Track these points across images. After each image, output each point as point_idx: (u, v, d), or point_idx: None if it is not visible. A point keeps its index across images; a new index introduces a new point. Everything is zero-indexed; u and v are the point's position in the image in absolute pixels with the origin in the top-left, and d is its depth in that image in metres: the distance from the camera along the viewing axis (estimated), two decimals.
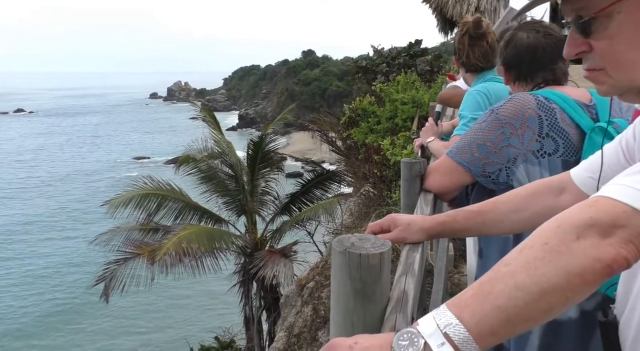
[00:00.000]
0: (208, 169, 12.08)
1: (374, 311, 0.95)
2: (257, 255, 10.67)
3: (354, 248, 0.95)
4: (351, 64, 13.47)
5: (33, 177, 43.05)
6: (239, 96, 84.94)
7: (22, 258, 25.75)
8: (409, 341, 0.69)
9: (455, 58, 2.47)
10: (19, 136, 65.13)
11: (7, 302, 21.11)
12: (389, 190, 5.26)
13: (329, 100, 58.22)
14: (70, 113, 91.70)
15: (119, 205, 10.98)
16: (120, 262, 10.48)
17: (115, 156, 52.56)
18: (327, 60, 73.58)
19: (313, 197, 12.39)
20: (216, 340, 10.19)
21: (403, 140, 5.24)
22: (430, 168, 1.72)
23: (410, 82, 8.61)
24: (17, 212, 33.21)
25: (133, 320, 19.48)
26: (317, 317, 3.45)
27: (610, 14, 0.79)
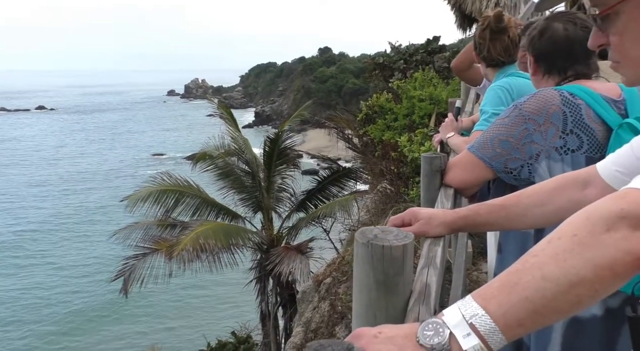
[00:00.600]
0: (225, 166, 12.17)
1: (396, 303, 0.95)
2: (273, 252, 10.73)
3: (377, 239, 0.95)
4: (368, 60, 13.43)
5: (54, 173, 43.83)
6: (255, 93, 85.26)
7: (46, 252, 26.27)
8: (434, 332, 0.70)
9: (475, 52, 2.44)
10: (41, 133, 66.32)
11: (33, 296, 21.56)
12: (406, 186, 5.24)
13: (345, 97, 58.09)
14: (90, 110, 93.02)
15: (137, 200, 11.12)
16: (139, 257, 10.62)
17: (134, 153, 53.20)
18: (344, 57, 73.40)
19: (329, 194, 12.40)
20: (233, 335, 10.27)
21: (421, 136, 5.21)
22: (451, 163, 1.71)
23: (428, 79, 8.56)
24: (41, 207, 33.88)
25: (150, 315, 19.74)
26: (335, 313, 3.46)
27: (618, 12, 0.82)
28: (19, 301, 21.00)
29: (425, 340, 0.69)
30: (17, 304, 20.80)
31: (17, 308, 20.47)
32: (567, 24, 1.59)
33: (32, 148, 54.67)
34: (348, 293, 3.54)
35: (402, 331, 0.73)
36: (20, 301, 21.05)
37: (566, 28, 1.59)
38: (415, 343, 0.70)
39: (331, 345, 0.56)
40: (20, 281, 22.95)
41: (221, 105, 14.97)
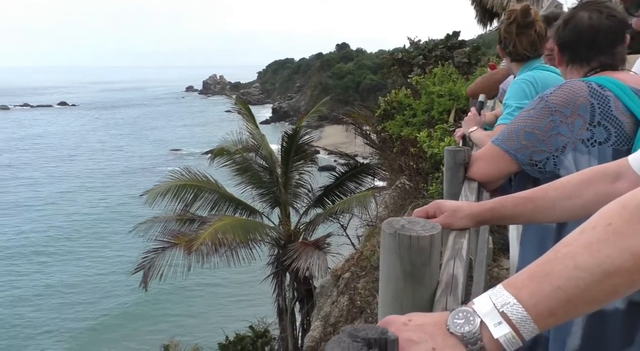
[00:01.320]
0: (243, 161, 12.23)
1: (423, 294, 0.95)
2: (291, 247, 10.75)
3: (404, 230, 0.96)
4: (387, 56, 13.36)
5: (75, 168, 44.59)
6: (273, 89, 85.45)
7: (67, 246, 26.79)
8: (464, 320, 0.70)
9: (500, 47, 2.42)
10: (62, 129, 67.47)
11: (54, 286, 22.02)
12: (425, 182, 5.21)
13: (362, 93, 57.88)
14: (110, 106, 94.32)
15: (157, 195, 11.24)
16: (158, 251, 10.74)
17: (153, 148, 53.82)
18: (361, 53, 73.10)
19: (346, 189, 12.39)
20: (251, 329, 10.35)
21: (440, 132, 5.18)
22: (475, 156, 1.70)
23: (447, 74, 8.49)
24: (62, 202, 34.53)
25: (169, 309, 20.00)
26: (354, 307, 3.47)
27: None
28: (43, 297, 21.44)
29: (455, 328, 0.70)
30: (40, 300, 21.24)
31: (39, 303, 20.90)
32: (593, 12, 1.57)
33: (53, 143, 55.62)
34: (367, 288, 3.55)
35: (431, 319, 0.74)
36: (43, 297, 21.50)
37: (591, 17, 1.56)
38: (445, 331, 0.70)
39: (365, 329, 0.57)
40: (43, 276, 23.44)
41: (239, 100, 15.04)
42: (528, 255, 1.56)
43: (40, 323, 19.31)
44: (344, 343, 0.55)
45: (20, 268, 23.87)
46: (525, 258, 1.55)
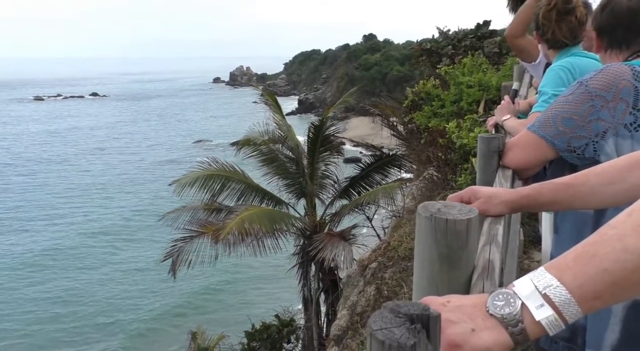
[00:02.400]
0: (269, 152, 12.30)
1: (459, 277, 0.94)
2: (316, 238, 10.80)
3: (440, 213, 0.95)
4: (415, 46, 13.19)
5: (106, 157, 45.66)
6: (299, 81, 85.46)
7: (93, 228, 27.53)
8: (504, 302, 0.69)
9: (536, 34, 2.35)
10: (94, 120, 69.03)
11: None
12: (453, 173, 5.15)
13: (389, 85, 57.40)
14: (139, 97, 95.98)
15: (185, 184, 11.41)
16: (186, 239, 10.93)
17: (181, 138, 54.61)
18: (389, 44, 72.43)
19: (372, 181, 12.35)
20: (277, 318, 10.46)
21: (470, 123, 5.10)
22: (510, 143, 1.67)
23: (477, 64, 8.33)
24: (95, 193, 35.46)
25: (196, 297, 20.37)
26: (381, 297, 3.47)
27: None
28: (75, 287, 22.09)
29: (495, 309, 0.69)
30: (70, 290, 21.89)
31: (68, 293, 21.55)
32: None
33: (85, 136, 56.95)
34: (394, 278, 3.55)
35: (470, 300, 0.73)
36: (75, 286, 22.14)
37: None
38: (484, 312, 0.70)
39: (407, 305, 0.57)
40: (75, 262, 24.14)
41: (266, 91, 15.09)
42: (564, 243, 1.53)
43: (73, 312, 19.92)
44: (386, 318, 0.55)
45: (58, 257, 24.62)
46: (562, 247, 1.52)
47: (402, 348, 0.50)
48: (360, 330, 3.33)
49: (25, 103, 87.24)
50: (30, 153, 46.57)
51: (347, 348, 3.19)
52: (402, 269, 3.61)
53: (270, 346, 9.64)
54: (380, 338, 0.52)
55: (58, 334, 18.12)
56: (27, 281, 21.92)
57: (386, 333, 0.53)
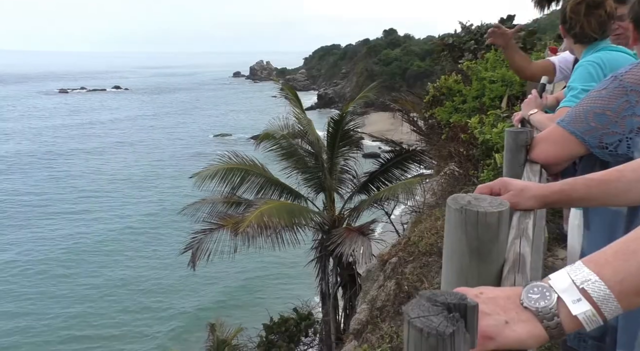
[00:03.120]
0: (289, 146, 12.32)
1: (490, 271, 0.94)
2: (335, 232, 10.80)
3: (471, 206, 0.94)
4: (437, 41, 13.06)
5: (127, 149, 46.34)
6: (319, 76, 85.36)
7: (115, 220, 28.00)
8: (539, 295, 0.68)
9: (562, 27, 2.31)
10: (116, 112, 70.04)
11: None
12: (475, 169, 5.10)
13: (409, 80, 56.97)
14: (161, 90, 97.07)
15: (205, 177, 11.50)
16: (206, 232, 11.03)
17: (201, 132, 55.10)
18: (409, 39, 71.85)
19: (392, 176, 12.29)
20: (295, 311, 10.52)
21: (493, 118, 5.03)
22: (539, 138, 1.64)
23: (501, 59, 8.20)
24: (115, 182, 36.05)
25: (214, 289, 20.58)
26: (401, 292, 3.46)
27: None
28: (95, 276, 22.51)
29: (530, 302, 0.68)
30: (87, 278, 22.31)
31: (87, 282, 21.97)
32: None
33: (107, 129, 57.82)
34: (415, 273, 3.54)
35: (503, 293, 0.73)
36: (93, 275, 22.57)
37: None
38: (518, 305, 0.70)
39: (444, 294, 0.57)
40: (94, 250, 24.59)
41: (286, 86, 15.11)
42: (597, 239, 1.50)
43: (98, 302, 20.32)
44: (423, 306, 0.55)
45: (88, 250, 25.11)
46: (594, 243, 1.49)
47: (440, 336, 0.50)
48: (380, 324, 3.33)
49: (50, 96, 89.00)
50: (58, 147, 47.44)
51: (366, 342, 3.20)
52: (422, 264, 3.59)
53: (288, 339, 9.71)
54: (419, 325, 0.52)
55: (79, 327, 18.51)
56: (52, 274, 22.42)
57: (424, 321, 0.53)
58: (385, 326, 3.18)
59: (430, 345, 0.50)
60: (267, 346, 9.74)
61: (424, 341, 0.51)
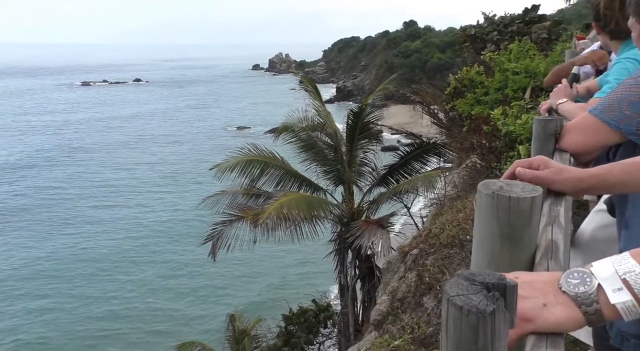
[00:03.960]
0: (308, 138, 12.32)
1: (521, 257, 0.93)
2: (354, 225, 10.79)
3: (503, 191, 0.93)
4: (458, 32, 12.89)
5: (148, 141, 46.94)
6: (338, 68, 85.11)
7: (139, 211, 28.44)
8: (579, 280, 0.68)
9: (596, 25, 2.24)
10: (137, 105, 70.93)
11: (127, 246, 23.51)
12: (498, 161, 5.03)
13: (429, 72, 56.47)
14: (180, 83, 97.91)
15: (225, 169, 11.57)
16: (226, 223, 11.12)
17: (220, 125, 55.51)
18: (429, 31, 71.15)
19: (411, 169, 12.21)
20: (314, 303, 10.57)
21: (516, 109, 4.95)
22: (569, 126, 1.61)
23: (524, 50, 8.07)
24: (135, 171, 36.57)
25: (234, 280, 20.80)
26: (422, 283, 3.46)
27: None
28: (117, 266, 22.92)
29: (569, 287, 0.68)
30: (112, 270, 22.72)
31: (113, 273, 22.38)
32: None
33: (129, 120, 58.59)
34: (436, 265, 3.52)
35: (540, 277, 0.72)
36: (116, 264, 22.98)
37: None
38: (557, 289, 0.69)
39: (482, 274, 0.57)
40: (115, 241, 25.03)
41: (305, 78, 15.09)
42: (636, 238, 1.45)
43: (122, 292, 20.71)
44: (462, 285, 0.55)
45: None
46: (633, 242, 1.45)
47: (481, 314, 0.50)
48: (401, 315, 3.33)
49: (74, 89, 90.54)
50: (83, 141, 48.16)
51: (387, 332, 3.20)
52: (444, 256, 3.58)
53: (307, 330, 9.77)
54: (459, 303, 0.52)
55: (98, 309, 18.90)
56: (79, 261, 22.90)
57: (464, 299, 0.52)
58: (406, 318, 3.18)
59: (471, 322, 0.50)
60: (286, 337, 9.82)
61: (464, 319, 0.51)
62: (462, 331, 0.51)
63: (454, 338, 0.52)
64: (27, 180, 34.73)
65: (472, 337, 0.51)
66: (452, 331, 0.52)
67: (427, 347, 2.66)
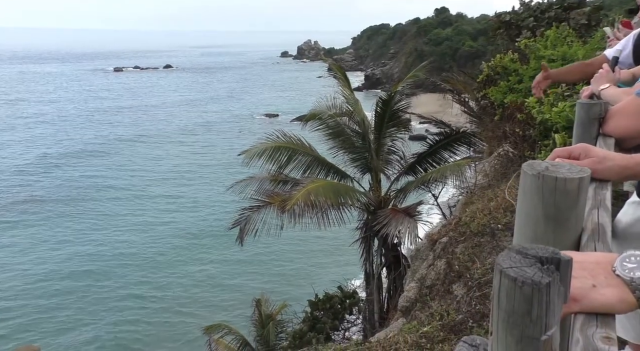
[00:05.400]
0: (336, 125, 12.28)
1: (566, 239, 0.91)
2: (381, 213, 10.75)
3: (549, 172, 0.91)
4: (492, 19, 12.56)
5: (177, 127, 47.63)
6: (366, 56, 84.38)
7: (168, 197, 28.99)
8: (636, 265, 0.66)
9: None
10: (166, 90, 71.96)
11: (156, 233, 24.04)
12: (532, 150, 4.92)
13: (460, 61, 55.44)
14: (210, 69, 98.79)
15: (254, 155, 11.65)
16: (253, 208, 11.23)
17: (248, 111, 55.84)
18: (461, 18, 69.78)
19: (440, 158, 12.07)
20: (339, 289, 10.62)
21: (553, 97, 4.82)
22: (614, 110, 1.56)
23: (562, 37, 7.83)
24: (163, 157, 37.23)
25: (260, 266, 21.05)
26: (451, 271, 3.43)
27: None
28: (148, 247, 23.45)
29: (624, 271, 0.67)
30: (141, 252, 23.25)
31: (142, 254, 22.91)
32: None
33: (160, 107, 59.43)
34: (466, 253, 3.48)
35: (590, 257, 0.71)
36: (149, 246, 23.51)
37: None
38: (609, 271, 0.68)
39: (534, 248, 0.56)
40: (145, 224, 25.58)
41: (334, 65, 15.00)
42: None
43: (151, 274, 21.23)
44: (514, 258, 0.54)
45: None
46: None
47: (536, 286, 0.49)
48: (430, 302, 3.32)
49: (107, 74, 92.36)
50: (117, 129, 48.94)
51: (415, 319, 3.20)
52: (474, 245, 3.53)
53: (332, 316, 9.83)
54: (512, 275, 0.51)
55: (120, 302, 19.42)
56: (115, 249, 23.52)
57: (517, 271, 0.52)
58: (435, 305, 3.17)
59: (525, 294, 0.50)
60: (312, 322, 9.91)
61: (518, 290, 0.50)
62: (515, 303, 0.50)
63: (506, 309, 0.52)
64: (66, 170, 35.08)
65: (526, 309, 0.50)
66: (505, 303, 0.52)
67: (456, 334, 2.64)
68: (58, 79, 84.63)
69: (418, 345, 2.66)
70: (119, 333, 17.16)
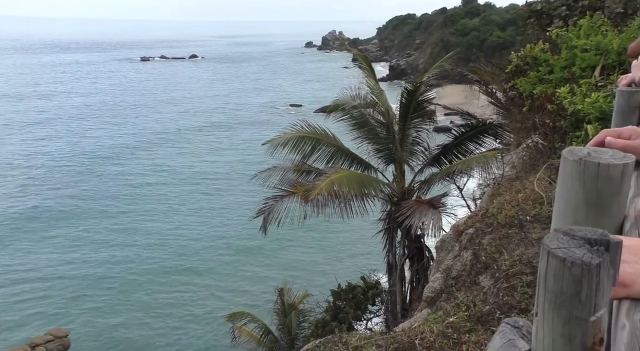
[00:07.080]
0: (360, 116, 12.22)
1: (608, 225, 0.89)
2: (404, 204, 10.69)
3: (591, 157, 0.89)
4: (523, 8, 12.24)
5: (202, 116, 48.10)
6: (391, 46, 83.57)
7: (193, 184, 29.39)
8: None
9: None
10: (191, 80, 72.61)
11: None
12: (562, 141, 4.81)
13: (487, 52, 54.43)
14: (235, 59, 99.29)
15: (278, 145, 11.69)
16: (277, 198, 11.28)
17: (272, 101, 55.99)
18: (489, 7, 68.39)
19: (465, 150, 11.91)
20: (362, 280, 10.64)
21: (585, 87, 4.70)
22: None
23: (596, 26, 7.59)
24: (188, 146, 37.66)
25: (283, 256, 21.20)
26: (478, 263, 3.39)
27: None
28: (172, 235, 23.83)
29: None
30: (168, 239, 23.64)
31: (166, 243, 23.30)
32: None
33: (186, 98, 60.01)
34: (493, 245, 3.44)
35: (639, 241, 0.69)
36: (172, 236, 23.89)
37: None
38: None
39: (582, 230, 0.55)
40: (170, 214, 25.98)
41: (360, 55, 14.90)
42: None
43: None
44: (562, 239, 0.53)
45: None
46: None
47: (586, 266, 0.48)
48: (455, 293, 3.29)
49: (134, 64, 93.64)
50: (145, 120, 49.58)
51: (440, 309, 3.18)
52: (502, 236, 3.48)
53: (355, 306, 9.86)
54: (561, 255, 0.50)
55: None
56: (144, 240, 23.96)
57: (566, 251, 0.51)
58: (461, 296, 3.14)
59: (574, 274, 0.49)
60: (334, 312, 9.96)
61: (567, 271, 0.49)
62: (564, 283, 0.50)
63: (553, 291, 0.51)
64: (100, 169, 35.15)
65: (575, 290, 0.49)
66: (552, 284, 0.51)
67: (483, 325, 2.62)
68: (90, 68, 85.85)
69: (444, 334, 2.64)
70: (146, 317, 17.56)
